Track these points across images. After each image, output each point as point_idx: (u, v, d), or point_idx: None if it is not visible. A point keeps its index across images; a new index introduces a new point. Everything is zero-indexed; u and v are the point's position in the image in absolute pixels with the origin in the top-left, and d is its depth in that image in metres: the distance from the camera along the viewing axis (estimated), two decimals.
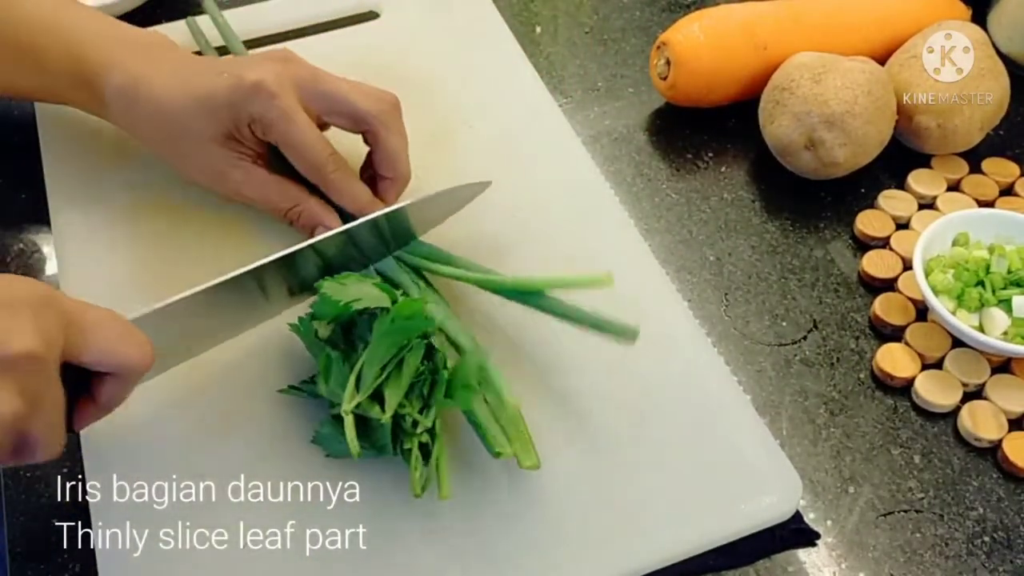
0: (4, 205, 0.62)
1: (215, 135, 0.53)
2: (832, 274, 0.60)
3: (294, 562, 0.45)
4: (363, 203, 0.55)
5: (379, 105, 0.54)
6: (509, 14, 0.75)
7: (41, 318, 0.38)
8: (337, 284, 0.47)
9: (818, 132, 0.60)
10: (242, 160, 0.54)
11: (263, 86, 0.52)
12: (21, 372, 0.37)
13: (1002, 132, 0.68)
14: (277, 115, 0.52)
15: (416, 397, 0.46)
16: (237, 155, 0.54)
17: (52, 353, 0.38)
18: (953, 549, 0.48)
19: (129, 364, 0.42)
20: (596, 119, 0.69)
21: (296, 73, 0.53)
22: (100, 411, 0.44)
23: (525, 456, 0.46)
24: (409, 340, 0.46)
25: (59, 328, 0.39)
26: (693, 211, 0.63)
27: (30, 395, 0.37)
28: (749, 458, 0.49)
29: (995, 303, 0.54)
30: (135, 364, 0.42)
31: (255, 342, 0.52)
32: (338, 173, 0.54)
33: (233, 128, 0.53)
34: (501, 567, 0.45)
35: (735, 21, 0.66)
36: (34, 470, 0.50)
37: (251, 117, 0.52)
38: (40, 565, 0.46)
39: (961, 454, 0.52)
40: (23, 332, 0.37)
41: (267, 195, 0.55)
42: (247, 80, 0.52)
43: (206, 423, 0.50)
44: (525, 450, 0.46)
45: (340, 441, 0.46)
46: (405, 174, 0.56)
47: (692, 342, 0.54)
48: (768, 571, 0.47)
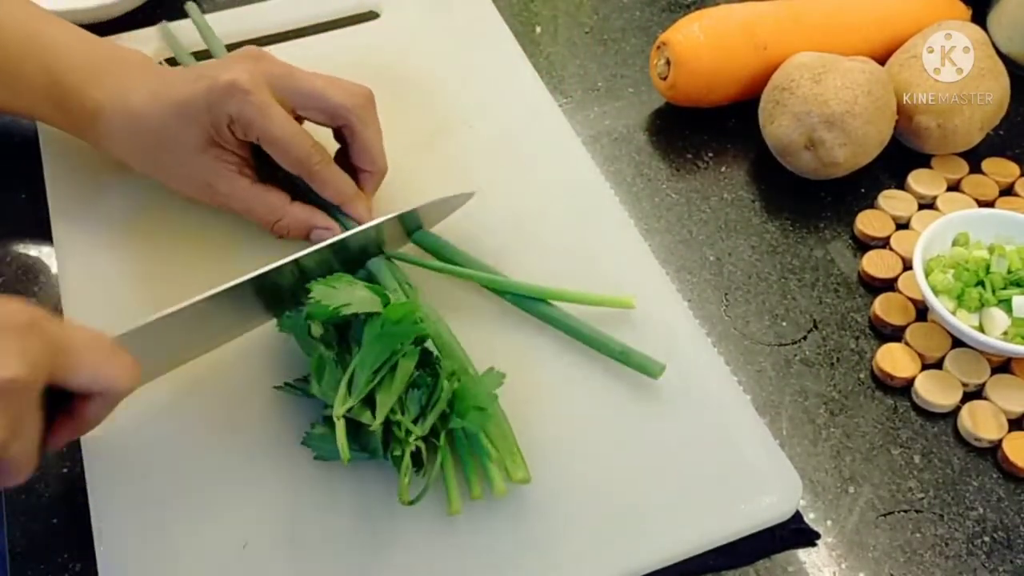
0: (4, 206, 0.62)
1: (197, 143, 0.53)
2: (832, 274, 0.60)
3: (291, 562, 0.45)
4: (348, 194, 0.55)
5: (354, 99, 0.55)
6: (509, 14, 0.75)
7: (27, 342, 0.38)
8: (327, 288, 0.47)
9: (818, 132, 0.60)
10: (227, 169, 0.54)
11: (237, 84, 0.51)
12: (4, 398, 0.36)
13: (1002, 132, 0.68)
14: (254, 111, 0.52)
15: (412, 404, 0.46)
16: (222, 164, 0.54)
17: (37, 379, 0.38)
18: (953, 549, 0.48)
19: (115, 387, 0.42)
20: (596, 119, 0.69)
21: (269, 70, 0.54)
22: (78, 431, 0.43)
23: (515, 469, 0.46)
24: (402, 345, 0.46)
25: (45, 353, 0.38)
26: (693, 211, 0.63)
27: (11, 421, 0.37)
28: (749, 458, 0.49)
29: (995, 303, 0.54)
30: (121, 387, 0.42)
31: (252, 340, 0.52)
32: (323, 165, 0.54)
33: (214, 132, 0.53)
34: (501, 567, 0.45)
35: (735, 21, 0.66)
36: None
37: (229, 117, 0.52)
38: (40, 565, 0.46)
39: (961, 454, 0.52)
40: (8, 357, 0.36)
41: (251, 208, 0.56)
42: (221, 80, 0.52)
43: (205, 422, 0.50)
44: (514, 463, 0.46)
45: (330, 443, 0.46)
46: (382, 166, 0.57)
47: (692, 342, 0.54)
48: (768, 571, 0.47)
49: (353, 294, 0.47)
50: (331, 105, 0.54)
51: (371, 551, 0.46)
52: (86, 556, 0.46)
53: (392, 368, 0.46)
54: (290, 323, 0.50)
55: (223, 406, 0.50)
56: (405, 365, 0.46)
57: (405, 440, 0.45)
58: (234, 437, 0.49)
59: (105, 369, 0.41)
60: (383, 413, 0.45)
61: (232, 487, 0.48)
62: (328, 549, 0.46)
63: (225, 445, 0.49)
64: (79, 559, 0.46)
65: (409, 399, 0.46)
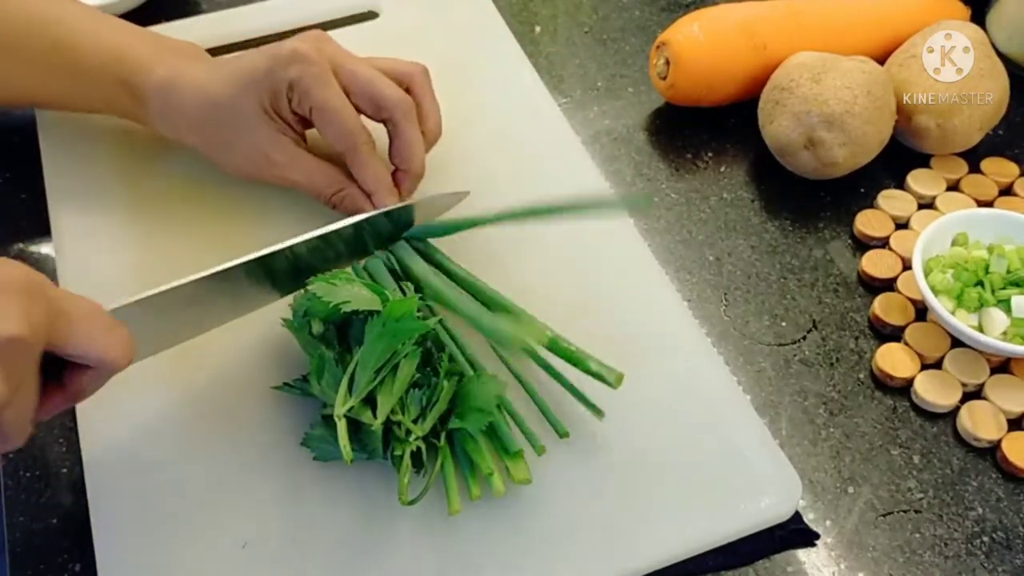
0: (4, 205, 0.62)
1: (256, 111, 0.55)
2: (832, 274, 0.60)
3: (291, 562, 0.45)
4: (384, 184, 0.56)
5: (402, 96, 0.56)
6: (509, 14, 0.75)
7: (30, 304, 0.38)
8: (327, 285, 0.47)
9: (817, 132, 0.60)
10: (284, 138, 0.56)
11: (300, 52, 0.53)
12: (6, 356, 0.36)
13: (1001, 132, 0.68)
14: (312, 79, 0.53)
15: (413, 404, 0.46)
16: (280, 135, 0.55)
17: (37, 340, 0.38)
18: (952, 549, 0.48)
19: (110, 358, 0.42)
20: (596, 119, 0.69)
21: (330, 50, 0.55)
22: (68, 401, 0.43)
23: (517, 470, 0.46)
24: (404, 344, 0.46)
25: (46, 316, 0.39)
26: (693, 211, 0.63)
27: (11, 378, 0.37)
28: (749, 458, 0.49)
29: (994, 303, 0.54)
30: (116, 359, 0.42)
31: (252, 340, 0.52)
32: (368, 146, 0.55)
33: (272, 100, 0.54)
34: (501, 567, 0.45)
35: (734, 21, 0.66)
36: (34, 470, 0.50)
37: (289, 83, 0.53)
38: (40, 565, 0.46)
39: (960, 454, 0.52)
40: (11, 317, 0.37)
41: (312, 178, 0.57)
42: (284, 49, 0.54)
43: (205, 422, 0.50)
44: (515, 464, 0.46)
45: (329, 444, 0.46)
46: (418, 168, 0.57)
47: (692, 342, 0.54)
48: (768, 571, 0.48)
49: (353, 292, 0.47)
50: (381, 96, 0.55)
51: (371, 551, 0.46)
52: (86, 556, 0.46)
53: (394, 368, 0.46)
54: (291, 323, 0.50)
55: (223, 406, 0.50)
56: (407, 366, 0.46)
57: (405, 440, 0.45)
58: (234, 437, 0.49)
59: (101, 340, 0.41)
60: (384, 413, 0.45)
61: (232, 487, 0.48)
62: (328, 549, 0.46)
63: (225, 445, 0.49)
64: (79, 559, 0.46)
65: (410, 399, 0.46)
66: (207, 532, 0.46)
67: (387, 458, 0.46)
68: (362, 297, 0.47)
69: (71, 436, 0.50)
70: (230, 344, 0.52)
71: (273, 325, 0.51)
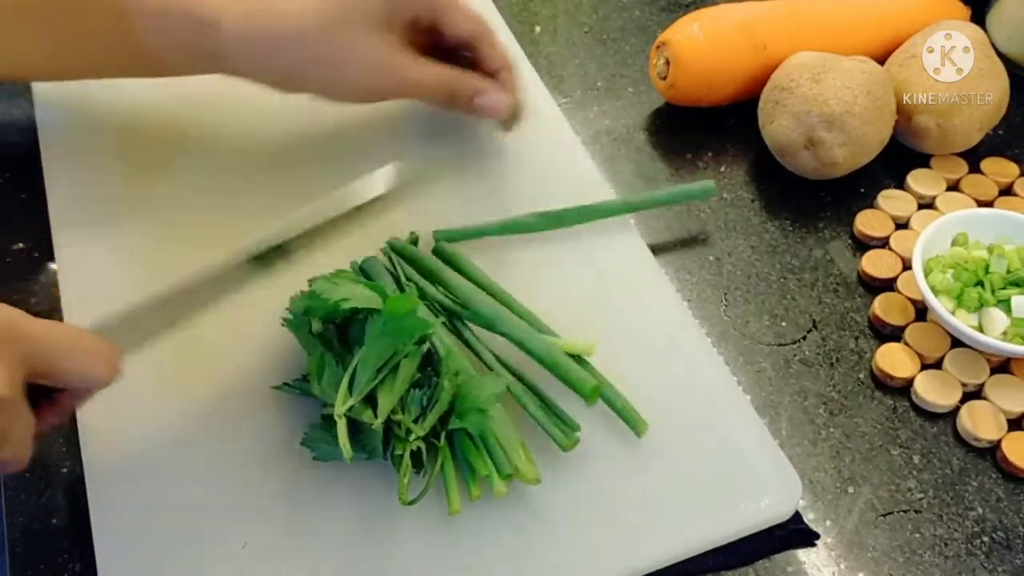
0: (4, 205, 0.62)
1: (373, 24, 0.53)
2: (832, 274, 0.60)
3: (291, 562, 0.45)
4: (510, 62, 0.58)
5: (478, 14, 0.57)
6: (509, 14, 0.75)
7: (4, 353, 0.37)
8: (328, 283, 0.47)
9: (817, 132, 0.60)
10: (405, 47, 0.54)
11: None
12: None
13: (1001, 132, 0.68)
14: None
15: (413, 404, 0.46)
16: (397, 46, 0.54)
17: (17, 390, 0.38)
18: (952, 549, 0.48)
19: (94, 378, 0.42)
20: (596, 119, 0.69)
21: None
22: (61, 417, 0.44)
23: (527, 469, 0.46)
24: (405, 343, 0.46)
25: (23, 361, 0.38)
26: (692, 211, 0.63)
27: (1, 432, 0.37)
28: (749, 458, 0.49)
29: (994, 303, 0.54)
30: (102, 379, 0.42)
31: (252, 340, 0.52)
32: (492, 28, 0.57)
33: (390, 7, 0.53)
34: (501, 568, 0.45)
35: (734, 21, 0.66)
36: (34, 470, 0.50)
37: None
38: (40, 565, 0.46)
39: (960, 454, 0.52)
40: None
41: (441, 79, 0.56)
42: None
43: (205, 422, 0.50)
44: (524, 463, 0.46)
45: (329, 443, 0.46)
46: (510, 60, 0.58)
47: (692, 342, 0.54)
48: (768, 571, 0.48)
49: (353, 290, 0.47)
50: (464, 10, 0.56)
51: (371, 551, 0.46)
52: (86, 556, 0.46)
53: (394, 367, 0.46)
54: (291, 322, 0.50)
55: (223, 406, 0.50)
56: (408, 366, 0.46)
57: (406, 440, 0.45)
58: (234, 437, 0.49)
59: (87, 366, 0.41)
60: (385, 412, 0.45)
61: (232, 487, 0.48)
62: (328, 549, 0.46)
63: (225, 445, 0.49)
64: (79, 559, 0.46)
65: (410, 399, 0.46)
66: (207, 532, 0.46)
67: (387, 458, 0.46)
68: (362, 295, 0.47)
69: (71, 436, 0.50)
70: (230, 344, 0.52)
71: (273, 325, 0.51)
